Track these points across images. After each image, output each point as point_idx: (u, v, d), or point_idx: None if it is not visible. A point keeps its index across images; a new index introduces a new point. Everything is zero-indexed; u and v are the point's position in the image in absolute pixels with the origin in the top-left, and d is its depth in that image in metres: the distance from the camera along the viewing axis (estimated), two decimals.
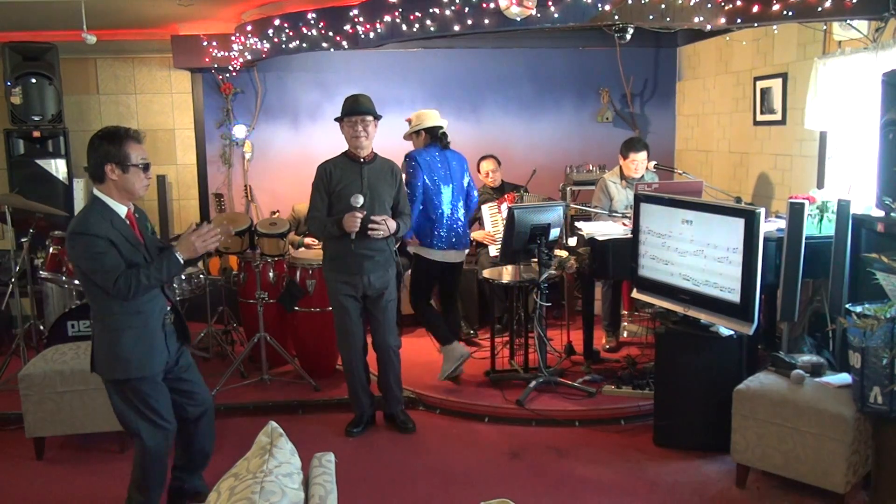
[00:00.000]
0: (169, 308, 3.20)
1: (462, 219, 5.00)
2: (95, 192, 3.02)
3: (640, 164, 5.40)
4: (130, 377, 3.03)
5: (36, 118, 6.01)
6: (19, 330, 5.03)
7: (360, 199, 4.00)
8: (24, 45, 5.97)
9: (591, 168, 6.43)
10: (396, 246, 4.42)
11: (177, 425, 3.24)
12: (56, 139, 6.10)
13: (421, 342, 5.58)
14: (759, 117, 5.65)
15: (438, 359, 5.16)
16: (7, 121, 6.04)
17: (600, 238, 4.77)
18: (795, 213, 3.95)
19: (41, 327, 5.36)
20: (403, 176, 4.47)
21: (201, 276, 5.38)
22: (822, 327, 4.30)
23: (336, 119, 4.18)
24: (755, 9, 4.28)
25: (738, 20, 4.37)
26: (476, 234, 6.02)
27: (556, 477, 3.80)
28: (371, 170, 4.16)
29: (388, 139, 5.32)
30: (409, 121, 5.02)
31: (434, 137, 4.92)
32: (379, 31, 4.93)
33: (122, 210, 3.03)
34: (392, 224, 4.13)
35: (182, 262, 3.05)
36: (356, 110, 4.09)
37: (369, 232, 4.04)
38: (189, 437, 3.38)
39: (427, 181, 4.78)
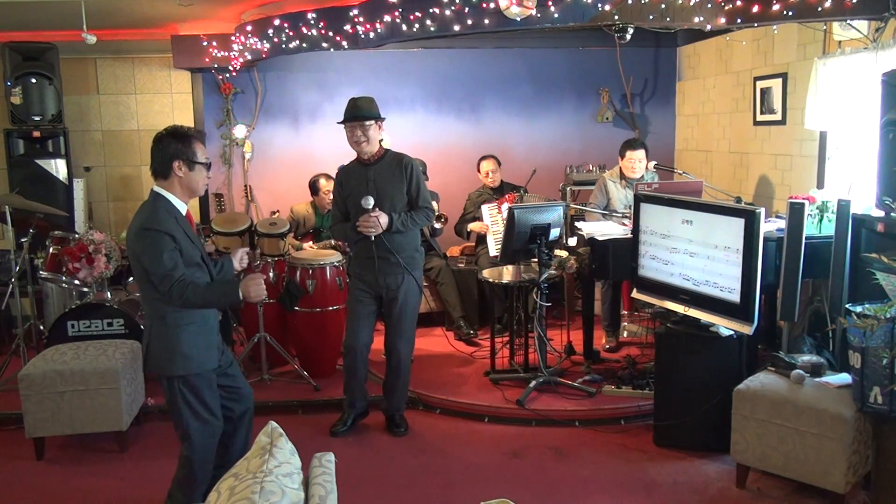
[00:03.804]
0: None
1: None
2: (157, 189, 3.06)
3: (637, 162, 5.40)
4: (189, 373, 3.06)
5: (36, 118, 6.00)
6: (19, 330, 5.03)
7: (371, 201, 3.94)
8: (24, 45, 5.96)
9: (591, 168, 6.43)
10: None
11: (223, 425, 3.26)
12: (56, 139, 6.09)
13: (423, 341, 5.59)
14: (759, 117, 5.65)
15: (439, 358, 5.18)
16: (7, 121, 6.04)
17: (600, 238, 4.78)
18: (795, 213, 3.95)
19: (41, 327, 5.36)
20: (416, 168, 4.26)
21: None
22: (822, 327, 4.30)
23: (339, 122, 4.18)
24: (755, 9, 4.28)
25: (738, 20, 4.37)
26: (473, 226, 6.01)
27: (556, 477, 3.80)
28: (377, 170, 4.13)
29: (389, 138, 5.34)
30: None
31: None
32: (379, 31, 4.93)
33: (182, 208, 3.09)
34: (384, 219, 3.99)
35: (241, 298, 3.06)
36: (354, 116, 4.06)
37: (359, 228, 3.99)
38: (231, 436, 3.36)
39: None
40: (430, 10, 4.64)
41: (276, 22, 5.40)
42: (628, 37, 4.92)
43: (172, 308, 3.00)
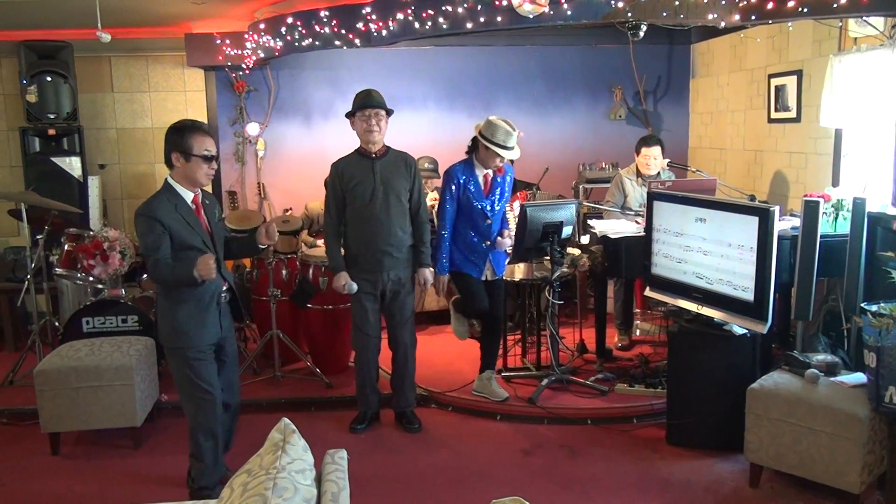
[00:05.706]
0: (225, 288, 3.48)
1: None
2: (167, 177, 3.33)
3: (652, 159, 5.36)
4: (184, 345, 3.34)
5: (51, 116, 6.05)
6: (35, 326, 5.08)
7: (354, 287, 4.15)
8: (39, 44, 6.01)
9: (603, 166, 6.41)
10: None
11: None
12: (71, 137, 6.14)
13: (436, 339, 5.59)
14: (774, 115, 5.61)
15: (451, 356, 5.18)
16: (23, 119, 6.09)
17: (613, 236, 4.76)
18: (810, 212, 3.93)
19: (56, 324, 5.39)
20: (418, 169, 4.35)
21: None
22: (837, 326, 4.27)
23: (347, 115, 4.19)
24: (770, 5, 4.24)
25: (753, 17, 4.33)
26: None
27: (568, 475, 3.79)
28: (384, 164, 4.16)
29: (401, 136, 5.33)
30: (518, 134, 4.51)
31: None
32: (391, 28, 4.93)
33: (188, 196, 3.32)
34: (429, 278, 4.34)
35: (197, 279, 3.20)
36: (370, 104, 4.09)
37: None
38: None
39: None
40: (443, 8, 4.64)
41: (289, 20, 5.41)
42: (641, 34, 4.89)
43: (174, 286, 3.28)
